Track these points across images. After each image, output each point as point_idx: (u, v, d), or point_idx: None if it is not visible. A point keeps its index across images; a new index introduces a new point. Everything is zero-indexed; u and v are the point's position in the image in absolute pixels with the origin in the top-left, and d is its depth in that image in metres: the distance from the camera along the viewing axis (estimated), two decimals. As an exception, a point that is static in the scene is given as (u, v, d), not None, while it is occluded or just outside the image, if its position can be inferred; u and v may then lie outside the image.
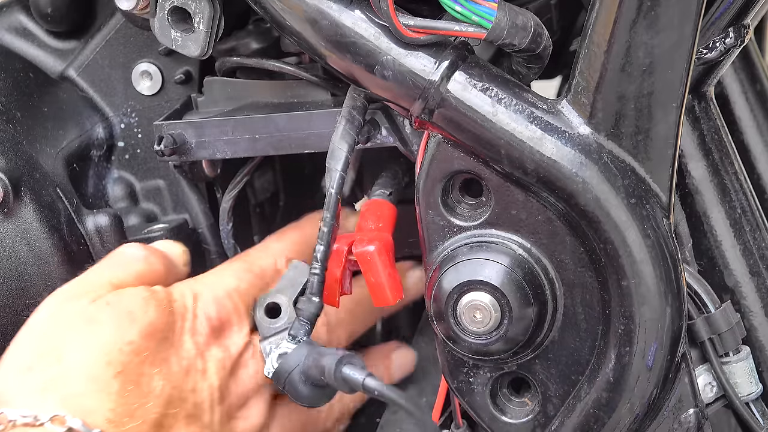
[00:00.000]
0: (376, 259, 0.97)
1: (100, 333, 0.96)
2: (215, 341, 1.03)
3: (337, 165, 0.96)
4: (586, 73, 0.91)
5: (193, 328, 1.01)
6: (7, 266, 1.03)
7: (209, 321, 1.03)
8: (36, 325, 0.98)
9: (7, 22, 1.18)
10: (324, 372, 0.94)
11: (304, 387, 0.96)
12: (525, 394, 1.00)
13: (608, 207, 0.91)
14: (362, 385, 0.92)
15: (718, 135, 1.06)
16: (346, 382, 0.93)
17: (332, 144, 0.96)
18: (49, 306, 0.99)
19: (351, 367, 0.93)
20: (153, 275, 1.04)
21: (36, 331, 0.98)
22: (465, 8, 0.89)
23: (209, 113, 1.09)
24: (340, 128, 0.97)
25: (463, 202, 0.97)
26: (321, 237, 0.96)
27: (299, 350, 0.96)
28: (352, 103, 0.98)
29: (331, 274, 0.98)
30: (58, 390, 0.93)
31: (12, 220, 1.03)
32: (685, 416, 0.97)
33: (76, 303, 0.99)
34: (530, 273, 0.94)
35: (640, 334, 0.92)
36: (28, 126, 1.08)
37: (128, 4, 1.03)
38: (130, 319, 0.97)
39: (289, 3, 0.94)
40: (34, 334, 0.98)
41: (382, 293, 0.98)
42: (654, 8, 0.88)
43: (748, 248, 1.05)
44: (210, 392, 1.01)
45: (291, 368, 0.96)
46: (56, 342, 0.96)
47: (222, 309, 1.04)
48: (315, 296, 0.97)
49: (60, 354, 0.95)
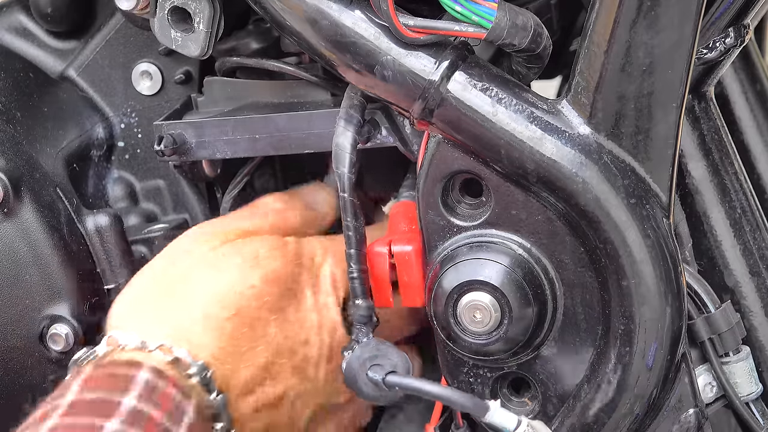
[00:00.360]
0: (413, 259, 0.98)
1: (222, 275, 0.99)
2: (333, 301, 1.04)
3: (343, 168, 0.96)
4: (586, 73, 0.91)
5: (316, 284, 1.03)
6: (7, 266, 1.03)
7: (333, 280, 1.04)
8: (161, 260, 1.02)
9: (7, 22, 1.18)
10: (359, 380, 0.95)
11: (367, 385, 0.95)
12: (525, 394, 1.00)
13: (608, 207, 0.91)
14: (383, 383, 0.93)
15: (718, 135, 1.06)
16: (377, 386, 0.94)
17: (334, 147, 0.96)
18: (179, 243, 1.03)
19: (374, 370, 0.94)
20: (288, 227, 1.07)
21: (159, 265, 1.02)
22: (465, 8, 0.89)
23: (209, 113, 1.09)
24: (340, 129, 0.97)
25: (463, 202, 0.97)
26: (349, 241, 0.96)
27: (356, 354, 0.96)
28: (349, 102, 0.98)
29: (380, 276, 0.99)
30: (168, 322, 0.96)
31: (12, 220, 1.03)
32: (685, 416, 0.97)
33: (205, 244, 1.02)
34: (530, 273, 0.94)
35: (640, 334, 0.92)
36: (28, 126, 1.08)
37: (128, 4, 1.03)
38: (254, 264, 1.00)
39: (289, 3, 0.94)
40: (156, 268, 1.02)
41: (414, 294, 0.99)
42: (654, 8, 0.88)
43: (748, 248, 1.05)
44: (320, 349, 1.02)
45: (354, 372, 0.96)
46: (176, 278, 1.00)
47: (345, 271, 1.04)
48: (358, 299, 0.97)
49: (177, 289, 0.99)
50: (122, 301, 1.00)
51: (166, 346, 0.94)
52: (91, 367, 0.92)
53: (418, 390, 0.93)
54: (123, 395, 0.87)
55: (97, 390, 0.87)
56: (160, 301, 0.99)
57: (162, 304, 0.98)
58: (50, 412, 0.86)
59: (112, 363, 0.92)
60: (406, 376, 0.94)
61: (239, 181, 1.12)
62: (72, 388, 0.88)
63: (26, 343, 1.04)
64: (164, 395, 0.89)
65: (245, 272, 1.00)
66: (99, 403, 0.86)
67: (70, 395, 0.87)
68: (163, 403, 0.88)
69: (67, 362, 1.04)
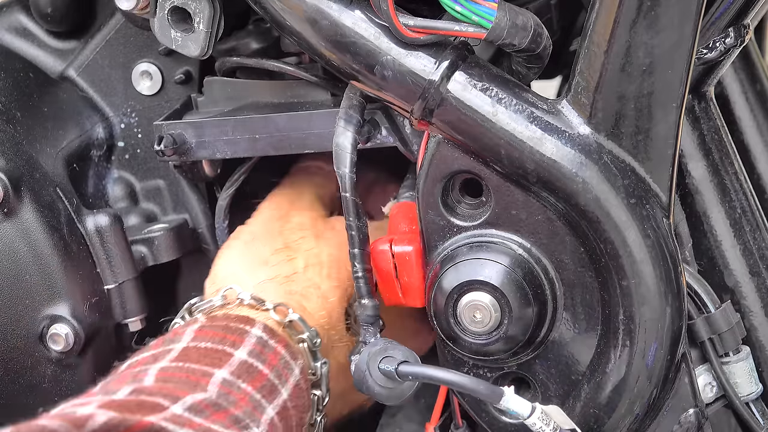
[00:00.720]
0: (413, 260, 0.98)
1: (332, 250, 1.05)
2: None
3: (344, 168, 0.96)
4: (586, 73, 0.91)
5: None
6: (7, 266, 1.03)
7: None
8: (273, 223, 1.07)
9: (7, 22, 1.18)
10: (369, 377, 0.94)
11: (379, 388, 0.94)
12: (525, 394, 1.00)
13: (608, 207, 0.91)
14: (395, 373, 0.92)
15: (718, 135, 1.06)
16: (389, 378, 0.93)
17: (335, 148, 0.96)
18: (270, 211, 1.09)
19: (386, 362, 0.93)
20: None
21: (273, 228, 1.07)
22: (465, 8, 0.89)
23: (209, 113, 1.09)
24: (339, 129, 0.97)
25: (463, 202, 0.97)
26: (352, 241, 0.96)
27: (364, 354, 0.95)
28: (348, 102, 0.98)
29: (385, 274, 0.99)
30: (285, 285, 1.01)
31: (12, 220, 1.03)
32: (685, 416, 0.97)
33: (311, 212, 1.08)
34: (530, 273, 0.94)
35: (640, 334, 0.92)
36: (28, 126, 1.08)
37: (128, 4, 1.03)
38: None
39: (289, 3, 0.94)
40: (270, 230, 1.07)
41: (414, 294, 0.99)
42: (654, 8, 0.88)
43: (748, 248, 1.05)
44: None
45: (362, 372, 0.94)
46: (289, 241, 1.05)
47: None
48: (364, 299, 0.96)
49: (292, 254, 1.03)
50: (242, 259, 1.04)
51: (282, 308, 0.97)
52: (205, 317, 0.95)
53: (432, 377, 0.92)
54: (235, 348, 0.90)
55: (210, 340, 0.90)
56: (278, 265, 1.02)
57: (280, 268, 1.02)
58: (161, 355, 0.88)
59: (226, 317, 0.95)
60: (418, 365, 0.93)
61: (237, 179, 1.12)
62: (185, 335, 0.91)
63: (26, 343, 1.04)
64: (274, 353, 0.92)
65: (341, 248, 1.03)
66: (211, 353, 0.89)
67: (182, 342, 0.90)
68: (271, 361, 0.91)
69: (67, 362, 1.04)
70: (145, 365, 0.87)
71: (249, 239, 1.06)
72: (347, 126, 0.97)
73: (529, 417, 0.89)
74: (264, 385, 0.88)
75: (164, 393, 0.81)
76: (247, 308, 0.97)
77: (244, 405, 0.85)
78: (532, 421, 0.89)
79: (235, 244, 1.07)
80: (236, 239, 1.07)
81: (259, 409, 0.86)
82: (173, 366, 0.87)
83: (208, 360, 0.88)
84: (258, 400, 0.87)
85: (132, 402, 0.79)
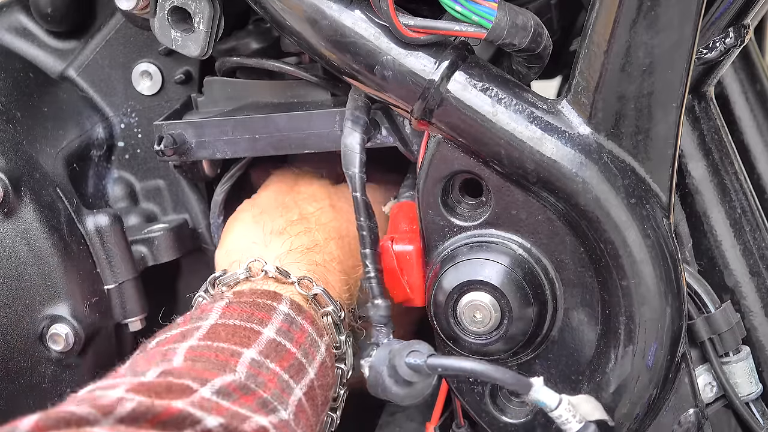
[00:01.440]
0: (414, 259, 0.98)
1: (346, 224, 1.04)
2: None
3: (354, 168, 0.96)
4: (586, 73, 0.91)
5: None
6: (7, 266, 1.03)
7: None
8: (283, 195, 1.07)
9: (7, 22, 1.18)
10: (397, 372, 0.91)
11: (395, 386, 0.92)
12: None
13: (608, 207, 0.91)
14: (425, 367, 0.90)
15: (718, 135, 1.06)
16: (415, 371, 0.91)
17: (343, 149, 0.96)
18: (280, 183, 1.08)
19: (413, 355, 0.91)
20: None
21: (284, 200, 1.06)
22: (465, 8, 0.89)
23: (209, 113, 1.09)
24: (347, 131, 0.97)
25: (463, 202, 0.97)
26: (363, 241, 0.96)
27: (381, 353, 0.94)
28: (353, 104, 0.98)
29: (389, 272, 0.98)
30: (308, 256, 1.00)
31: (12, 220, 1.03)
32: (685, 416, 0.97)
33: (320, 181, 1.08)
34: (530, 273, 0.94)
35: (640, 334, 0.92)
36: (28, 126, 1.08)
37: (128, 4, 1.03)
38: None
39: (289, 3, 0.94)
40: (283, 202, 1.06)
41: (414, 294, 0.98)
42: (654, 8, 0.88)
43: (748, 248, 1.05)
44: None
45: (378, 374, 0.93)
46: (305, 212, 1.04)
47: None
48: (377, 299, 0.96)
49: (311, 225, 1.02)
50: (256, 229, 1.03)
51: (306, 281, 0.96)
52: (231, 291, 0.95)
53: (462, 369, 0.90)
54: (263, 325, 0.89)
55: (238, 317, 0.90)
56: (296, 235, 1.01)
57: (298, 240, 1.01)
58: (190, 332, 0.88)
59: (252, 292, 0.94)
60: (447, 357, 0.92)
61: (233, 175, 1.12)
62: (213, 312, 0.90)
63: (26, 343, 1.04)
64: (301, 330, 0.91)
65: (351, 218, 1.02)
66: (240, 331, 0.88)
67: (210, 319, 0.90)
68: (299, 338, 0.90)
69: (67, 362, 1.04)
70: (174, 343, 0.86)
71: (258, 212, 1.06)
72: (354, 127, 0.97)
73: (556, 408, 0.88)
74: (292, 364, 0.88)
75: (193, 375, 0.81)
76: (272, 281, 0.97)
77: (273, 386, 0.85)
78: (558, 413, 0.88)
79: (244, 216, 1.06)
80: (246, 211, 1.07)
81: (287, 390, 0.86)
82: (202, 345, 0.86)
83: (236, 339, 0.87)
84: (286, 381, 0.87)
85: (161, 384, 0.79)
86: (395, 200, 1.07)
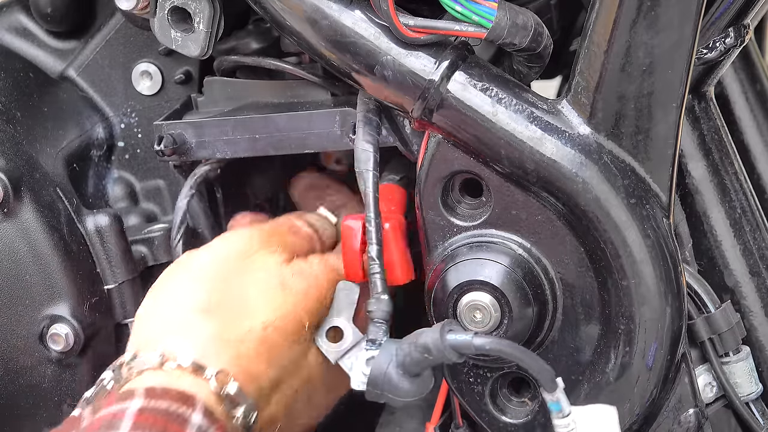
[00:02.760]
0: (390, 237, 0.98)
1: (289, 298, 0.96)
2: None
3: (367, 165, 0.96)
4: (586, 73, 0.91)
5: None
6: (7, 266, 1.03)
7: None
8: (216, 266, 0.96)
9: (7, 22, 1.18)
10: (429, 349, 0.89)
11: (403, 381, 0.91)
12: (525, 394, 1.00)
13: (608, 207, 0.91)
14: (473, 345, 0.88)
15: (718, 135, 1.06)
16: (454, 350, 0.88)
17: (356, 149, 0.96)
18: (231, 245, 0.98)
19: (454, 333, 0.89)
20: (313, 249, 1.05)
21: (216, 273, 0.96)
22: (465, 8, 0.89)
23: (209, 113, 1.09)
24: (360, 132, 0.97)
25: (463, 202, 0.97)
26: (370, 237, 0.95)
27: (387, 347, 0.92)
28: (365, 107, 0.98)
29: (350, 250, 0.98)
30: (233, 346, 0.91)
31: (12, 220, 1.03)
32: (685, 416, 0.97)
33: (269, 258, 0.98)
34: (530, 273, 0.94)
35: (640, 334, 0.92)
36: (28, 126, 1.08)
37: (128, 4, 1.03)
38: (316, 291, 0.98)
39: (289, 3, 0.94)
40: (214, 275, 0.95)
41: (393, 272, 0.98)
42: (654, 8, 0.88)
43: (748, 248, 1.05)
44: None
45: (385, 367, 0.91)
46: (240, 292, 0.95)
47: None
48: (383, 294, 0.94)
49: (245, 308, 0.93)
50: (178, 304, 0.93)
51: (223, 374, 0.89)
52: (143, 388, 0.86)
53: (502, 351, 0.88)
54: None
55: (150, 429, 0.82)
56: (225, 318, 0.92)
57: (227, 324, 0.92)
58: None
59: (166, 392, 0.86)
60: (489, 337, 0.90)
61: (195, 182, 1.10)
62: (125, 420, 0.83)
63: (26, 343, 1.04)
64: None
65: (310, 298, 0.97)
66: None
67: (123, 428, 0.82)
68: None
69: (67, 362, 1.04)
70: None
71: (196, 277, 0.96)
72: (367, 128, 0.97)
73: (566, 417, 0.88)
74: None
75: None
76: (188, 376, 0.87)
77: None
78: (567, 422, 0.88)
79: (175, 281, 0.96)
80: (180, 273, 0.97)
81: None
82: None
83: None
84: None
85: None
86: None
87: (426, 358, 0.89)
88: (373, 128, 0.97)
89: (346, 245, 0.98)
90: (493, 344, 0.88)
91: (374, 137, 0.97)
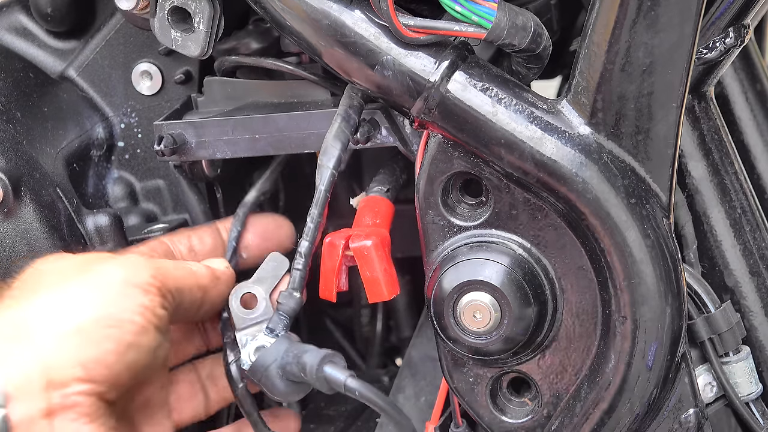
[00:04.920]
0: (372, 254, 0.97)
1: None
2: None
3: (329, 162, 0.96)
4: (586, 73, 0.91)
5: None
6: (7, 266, 1.03)
7: None
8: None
9: (7, 22, 1.18)
10: (305, 369, 0.94)
11: (280, 382, 0.96)
12: (525, 394, 1.00)
13: (608, 207, 0.91)
14: (344, 385, 0.92)
15: (718, 135, 1.06)
16: (326, 381, 0.93)
17: (325, 141, 0.97)
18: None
19: (333, 366, 0.94)
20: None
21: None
22: (465, 8, 0.89)
23: (209, 113, 1.09)
24: (335, 126, 0.97)
25: (463, 202, 0.97)
26: (306, 233, 0.96)
27: (279, 344, 0.96)
28: (348, 102, 0.98)
29: (327, 268, 0.98)
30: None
31: (12, 220, 1.03)
32: (685, 416, 0.97)
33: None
34: (530, 273, 0.94)
35: (640, 334, 0.92)
36: (28, 126, 1.08)
37: (128, 4, 1.03)
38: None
39: (289, 3, 0.94)
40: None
41: (378, 288, 0.97)
42: (654, 8, 0.88)
43: (748, 248, 1.05)
44: None
45: (269, 363, 0.96)
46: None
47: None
48: (296, 291, 0.98)
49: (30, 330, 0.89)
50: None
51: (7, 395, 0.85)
52: None
53: (370, 400, 0.92)
54: None
55: None
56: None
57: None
58: None
59: None
60: (362, 383, 0.93)
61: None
62: None
63: (26, 343, 1.04)
64: None
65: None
66: None
67: None
68: None
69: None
70: None
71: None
72: (343, 124, 0.97)
73: None
74: None
75: None
76: None
77: None
78: None
79: None
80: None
81: None
82: None
83: None
84: None
85: None
86: (364, 194, 1.07)
87: (302, 376, 0.94)
88: (349, 126, 0.97)
89: (325, 263, 0.98)
90: (362, 390, 0.92)
91: (346, 136, 0.97)
